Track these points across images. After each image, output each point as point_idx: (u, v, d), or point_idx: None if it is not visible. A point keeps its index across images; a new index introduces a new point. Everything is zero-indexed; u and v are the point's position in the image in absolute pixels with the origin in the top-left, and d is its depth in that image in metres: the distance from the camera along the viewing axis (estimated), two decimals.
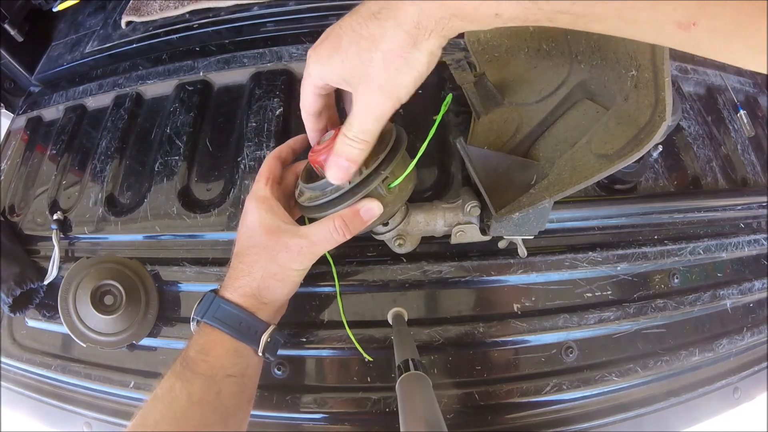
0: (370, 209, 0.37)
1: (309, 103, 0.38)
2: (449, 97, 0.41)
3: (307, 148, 0.42)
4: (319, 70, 0.34)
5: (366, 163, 0.35)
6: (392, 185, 0.38)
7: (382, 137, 0.38)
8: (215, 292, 0.39)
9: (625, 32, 0.25)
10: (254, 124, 0.56)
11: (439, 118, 0.40)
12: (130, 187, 0.59)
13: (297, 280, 0.39)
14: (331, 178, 0.35)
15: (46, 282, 0.55)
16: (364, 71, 0.30)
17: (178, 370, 0.36)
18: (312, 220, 0.39)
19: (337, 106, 0.41)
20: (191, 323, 0.40)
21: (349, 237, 0.37)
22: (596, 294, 0.51)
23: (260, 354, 0.39)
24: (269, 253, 0.38)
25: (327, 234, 0.37)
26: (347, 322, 0.47)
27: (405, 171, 0.38)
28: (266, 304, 0.39)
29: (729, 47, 0.23)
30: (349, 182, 0.36)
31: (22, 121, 0.74)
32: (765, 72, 0.24)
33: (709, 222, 0.57)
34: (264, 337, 0.38)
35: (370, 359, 0.47)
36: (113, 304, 0.49)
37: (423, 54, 0.29)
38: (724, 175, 0.62)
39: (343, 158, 0.34)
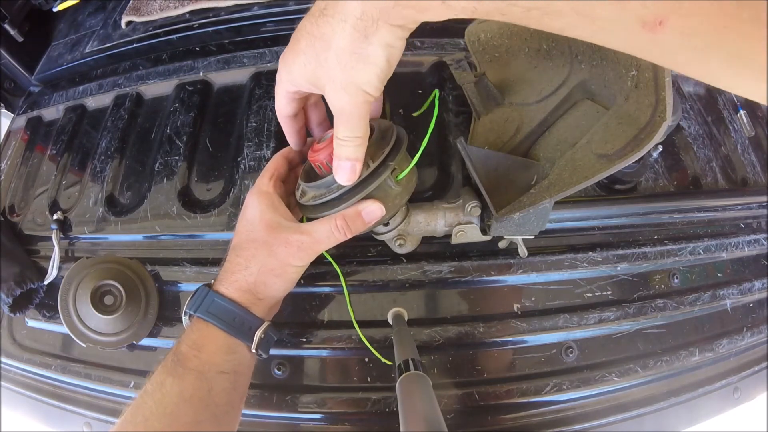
0: (372, 211, 0.37)
1: (283, 106, 0.38)
2: (435, 92, 0.43)
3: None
4: (287, 75, 0.34)
5: (372, 158, 0.36)
6: (400, 177, 0.38)
7: (384, 134, 0.38)
8: (209, 286, 0.39)
9: (583, 32, 0.22)
10: (254, 124, 0.56)
11: (434, 119, 0.41)
12: (130, 187, 0.59)
13: (294, 278, 0.39)
14: (341, 180, 0.35)
15: (46, 282, 0.55)
16: (325, 73, 0.30)
17: (169, 365, 0.36)
18: (310, 221, 0.39)
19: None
20: (183, 317, 0.39)
21: (349, 237, 0.37)
22: (596, 294, 0.51)
23: (253, 351, 0.38)
24: (268, 248, 0.37)
25: (328, 232, 0.37)
26: (357, 323, 0.47)
27: (409, 165, 0.38)
28: (261, 300, 0.38)
29: (703, 57, 0.19)
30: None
31: (22, 121, 0.74)
32: (743, 95, 0.19)
33: (709, 222, 0.57)
34: (258, 334, 0.38)
35: (389, 362, 0.46)
36: (113, 304, 0.49)
37: (377, 47, 0.27)
38: (724, 175, 0.62)
39: (343, 159, 0.34)
